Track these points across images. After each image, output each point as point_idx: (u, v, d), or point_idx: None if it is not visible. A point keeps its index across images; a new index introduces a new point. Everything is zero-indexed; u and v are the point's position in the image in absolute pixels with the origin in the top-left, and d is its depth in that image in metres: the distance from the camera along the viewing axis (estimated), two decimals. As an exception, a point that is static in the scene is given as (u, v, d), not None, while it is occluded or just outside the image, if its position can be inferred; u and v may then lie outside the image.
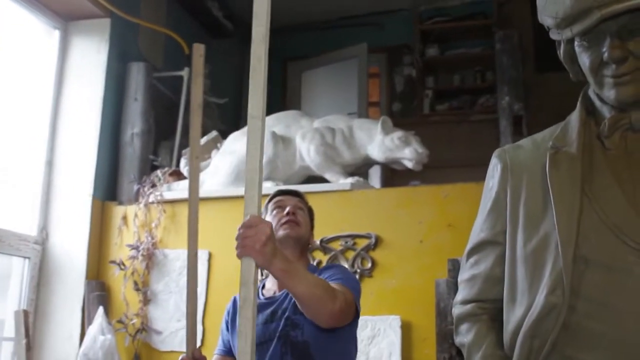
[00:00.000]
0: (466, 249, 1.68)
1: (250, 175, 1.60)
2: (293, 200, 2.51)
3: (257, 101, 1.64)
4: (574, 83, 1.64)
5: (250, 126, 1.62)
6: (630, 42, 1.40)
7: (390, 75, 6.85)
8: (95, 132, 4.42)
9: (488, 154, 5.32)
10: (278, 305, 2.31)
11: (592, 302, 1.37)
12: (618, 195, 1.41)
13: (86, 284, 4.14)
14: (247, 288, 1.62)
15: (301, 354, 2.22)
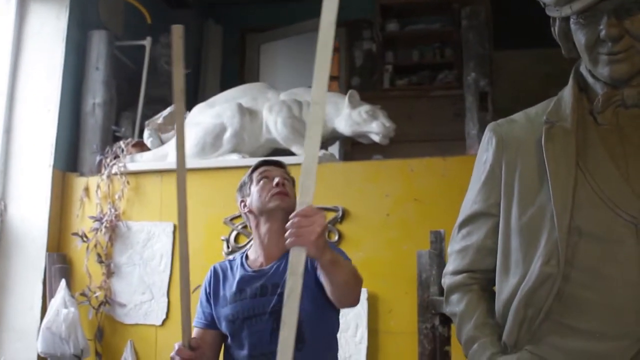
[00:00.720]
0: (458, 221, 1.72)
1: (308, 163, 1.56)
2: (279, 170, 2.48)
3: (320, 87, 1.63)
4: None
5: (313, 112, 1.60)
6: (626, 20, 1.45)
7: (350, 50, 6.84)
8: (55, 102, 4.33)
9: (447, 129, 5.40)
10: (268, 279, 2.30)
11: (586, 271, 1.43)
12: (611, 170, 1.46)
13: (47, 256, 4.08)
14: (295, 278, 1.59)
15: None
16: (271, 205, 2.37)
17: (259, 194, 2.40)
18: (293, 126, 3.94)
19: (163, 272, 3.98)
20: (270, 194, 2.38)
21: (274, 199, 2.38)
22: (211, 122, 4.06)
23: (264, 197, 2.38)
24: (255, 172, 2.48)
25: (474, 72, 3.88)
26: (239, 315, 2.28)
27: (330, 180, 3.82)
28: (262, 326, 2.25)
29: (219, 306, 2.35)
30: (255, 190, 2.41)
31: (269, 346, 2.20)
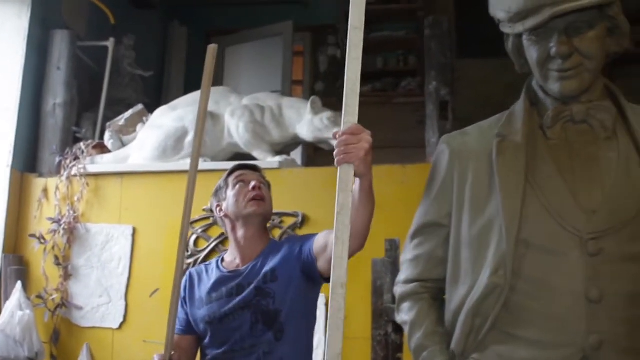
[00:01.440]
0: (410, 231, 1.75)
1: (350, 86, 1.65)
2: (255, 175, 2.49)
3: (359, 13, 1.68)
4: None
5: (352, 37, 1.68)
6: (576, 38, 1.49)
7: (314, 55, 6.88)
8: (14, 101, 4.26)
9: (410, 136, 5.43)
10: (244, 279, 2.33)
11: (532, 282, 1.47)
12: (559, 184, 1.50)
13: (3, 257, 4.02)
14: (345, 194, 1.61)
15: (272, 322, 2.27)
16: (248, 211, 2.39)
17: (235, 198, 2.41)
18: (255, 131, 3.95)
19: (121, 275, 3.96)
20: (247, 198, 2.40)
21: (250, 204, 2.40)
22: (173, 125, 4.05)
23: (241, 202, 2.40)
24: (231, 177, 2.48)
25: (435, 81, 3.92)
26: (215, 315, 2.31)
27: (291, 186, 3.83)
28: (241, 322, 2.27)
29: (194, 308, 2.36)
30: (232, 194, 2.42)
31: (249, 339, 2.26)
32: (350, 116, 1.67)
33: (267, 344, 2.25)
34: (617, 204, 1.46)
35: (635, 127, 1.53)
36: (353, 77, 1.65)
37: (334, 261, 1.58)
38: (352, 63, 1.66)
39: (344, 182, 1.64)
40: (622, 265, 1.43)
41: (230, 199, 2.42)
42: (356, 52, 1.67)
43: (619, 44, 1.57)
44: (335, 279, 1.55)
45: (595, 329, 1.40)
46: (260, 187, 2.45)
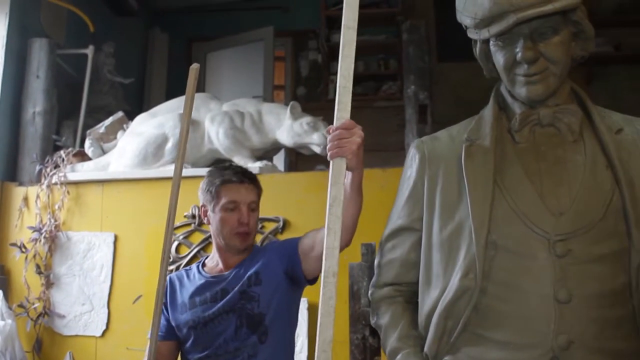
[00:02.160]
0: (383, 235, 1.77)
1: (343, 83, 1.69)
2: (249, 195, 2.44)
3: (352, 13, 1.73)
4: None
5: (345, 36, 1.71)
6: (541, 44, 1.52)
7: (295, 60, 6.90)
8: (-7, 110, 4.27)
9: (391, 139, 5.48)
10: (228, 284, 2.34)
11: (501, 284, 1.49)
12: (527, 186, 1.52)
13: (-16, 267, 4.02)
14: (337, 187, 1.66)
15: (256, 326, 2.29)
16: (232, 244, 2.40)
17: (222, 225, 2.39)
18: (235, 137, 3.96)
19: (103, 282, 3.95)
20: (233, 231, 2.38)
21: (235, 238, 2.39)
22: (153, 132, 4.05)
23: (226, 232, 2.38)
24: (225, 191, 2.41)
25: (414, 85, 3.96)
26: (200, 319, 2.32)
27: (272, 191, 3.81)
28: (225, 326, 2.29)
29: (177, 313, 2.37)
30: (218, 219, 2.40)
31: (233, 343, 2.28)
32: (343, 112, 1.71)
33: (251, 347, 2.27)
34: (584, 206, 1.49)
35: (602, 129, 1.56)
36: (346, 74, 1.70)
37: (326, 251, 1.62)
38: (344, 61, 1.71)
39: (336, 175, 1.68)
40: (590, 266, 1.45)
41: (216, 223, 2.40)
42: (349, 50, 1.71)
43: (584, 47, 1.60)
44: (326, 268, 1.60)
45: (563, 329, 1.42)
46: (248, 222, 2.40)
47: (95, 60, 4.99)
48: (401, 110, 5.27)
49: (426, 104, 3.84)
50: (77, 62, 4.91)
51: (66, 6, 5.01)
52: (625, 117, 1.63)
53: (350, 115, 1.71)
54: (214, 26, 6.92)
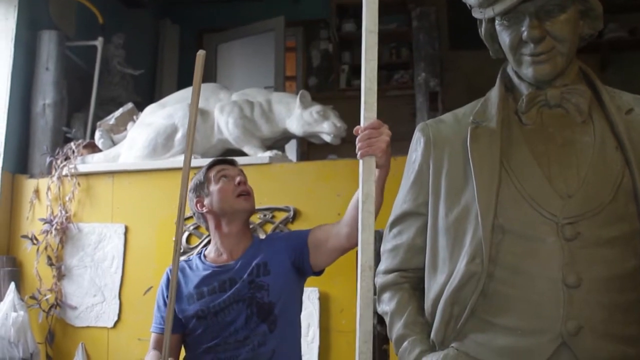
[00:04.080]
0: (389, 220, 1.74)
1: (368, 85, 1.74)
2: (236, 170, 2.48)
3: (372, 16, 1.75)
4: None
5: (368, 40, 1.75)
6: (547, 22, 1.48)
7: (306, 50, 6.86)
8: (4, 103, 4.26)
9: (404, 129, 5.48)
10: (235, 273, 2.33)
11: (508, 269, 1.45)
12: (534, 169, 1.48)
13: (-4, 259, 4.02)
14: (369, 184, 1.72)
15: (267, 315, 2.28)
16: (237, 207, 2.39)
17: (221, 194, 2.39)
18: (244, 126, 3.94)
19: (115, 273, 3.95)
20: (235, 194, 2.39)
21: (239, 200, 2.40)
22: (162, 122, 4.04)
23: (229, 197, 2.39)
24: (211, 171, 2.45)
25: (424, 72, 3.92)
26: (209, 309, 2.30)
27: (282, 181, 3.82)
28: (236, 315, 2.27)
29: (184, 304, 2.34)
30: (216, 189, 2.40)
31: (243, 332, 2.27)
32: (369, 112, 1.78)
33: (261, 336, 2.26)
34: (593, 188, 1.45)
35: (611, 109, 1.52)
36: (371, 76, 1.74)
37: (361, 246, 1.67)
38: (368, 64, 1.75)
39: (367, 173, 1.75)
40: (599, 250, 1.41)
41: (215, 195, 2.40)
42: (372, 54, 1.75)
43: (593, 26, 1.56)
44: (363, 262, 1.65)
45: (573, 314, 1.39)
46: (245, 182, 2.45)
47: (105, 52, 4.98)
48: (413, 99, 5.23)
49: (437, 91, 3.80)
50: (87, 54, 4.90)
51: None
52: (635, 97, 1.58)
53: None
54: (225, 17, 6.90)
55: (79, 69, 4.89)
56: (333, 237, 2.31)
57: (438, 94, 3.79)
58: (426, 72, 3.89)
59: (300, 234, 2.42)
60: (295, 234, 2.47)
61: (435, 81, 3.86)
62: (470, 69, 5.81)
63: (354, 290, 3.39)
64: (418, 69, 3.98)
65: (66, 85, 4.52)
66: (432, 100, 3.80)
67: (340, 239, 2.30)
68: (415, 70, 4.05)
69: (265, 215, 3.74)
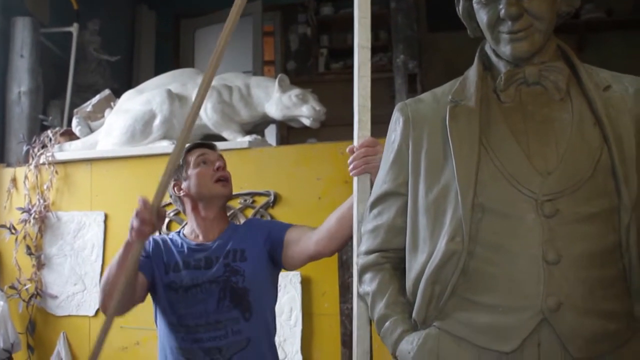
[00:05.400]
0: (369, 201, 1.73)
1: (362, 102, 1.79)
2: (215, 154, 2.45)
3: (365, 32, 1.80)
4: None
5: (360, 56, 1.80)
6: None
7: (284, 34, 6.84)
8: (-22, 91, 4.21)
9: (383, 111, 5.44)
10: (212, 252, 2.31)
11: (489, 247, 1.46)
12: (513, 146, 1.49)
13: (-26, 249, 3.99)
14: (363, 205, 1.75)
15: (240, 300, 2.25)
16: (216, 192, 2.37)
17: (199, 178, 2.37)
18: (223, 111, 3.91)
19: (95, 262, 3.93)
20: (213, 179, 2.37)
21: (217, 185, 2.38)
22: (140, 109, 4.00)
23: (207, 182, 2.37)
24: (191, 155, 2.42)
25: (402, 54, 3.91)
26: (181, 283, 2.27)
27: (262, 165, 3.81)
28: (206, 295, 2.24)
29: (160, 271, 2.30)
30: (195, 173, 2.38)
31: (214, 315, 2.23)
32: (363, 130, 1.84)
33: (233, 322, 2.23)
34: (571, 165, 1.45)
35: (589, 87, 1.52)
36: (364, 93, 1.79)
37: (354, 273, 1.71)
38: (361, 81, 1.80)
39: (362, 192, 1.80)
40: (579, 226, 1.42)
41: (193, 179, 2.38)
42: (365, 70, 1.81)
43: (570, 3, 1.56)
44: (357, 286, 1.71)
45: (553, 290, 1.39)
46: (224, 167, 2.43)
47: (81, 38, 4.93)
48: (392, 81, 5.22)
49: (415, 73, 3.80)
50: (63, 40, 4.85)
51: (50, -16, 4.94)
52: (613, 74, 1.59)
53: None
54: (202, 2, 6.83)
55: (55, 55, 4.83)
56: (304, 241, 2.29)
57: (417, 75, 3.79)
58: (405, 54, 3.89)
59: (281, 227, 2.40)
60: (276, 226, 2.44)
61: (413, 63, 3.86)
62: (449, 51, 5.81)
63: (335, 274, 3.41)
64: (397, 51, 3.98)
65: (42, 72, 4.46)
66: (410, 82, 3.80)
67: (309, 243, 2.27)
68: (394, 53, 4.04)
69: (246, 200, 3.72)
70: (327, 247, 2.23)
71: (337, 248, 2.22)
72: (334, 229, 2.20)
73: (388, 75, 5.83)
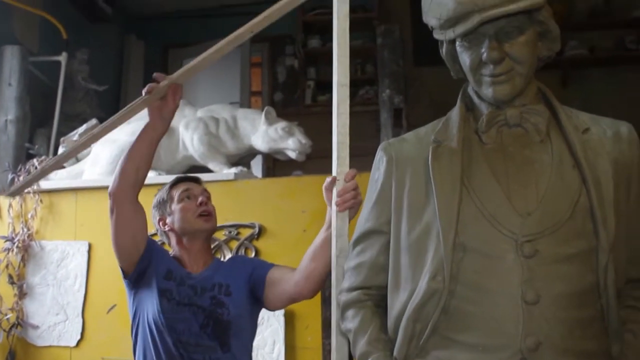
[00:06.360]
0: (352, 238, 1.76)
1: (340, 139, 1.84)
2: (199, 188, 2.48)
3: (344, 70, 1.85)
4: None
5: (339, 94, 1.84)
6: (506, 44, 1.52)
7: (272, 65, 6.88)
8: (-35, 118, 4.21)
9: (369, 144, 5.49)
10: (198, 282, 2.32)
11: (469, 286, 1.48)
12: (494, 187, 1.51)
13: (-45, 277, 3.95)
14: (343, 239, 1.82)
15: (222, 332, 2.26)
16: (197, 227, 2.39)
17: (182, 213, 2.40)
18: (210, 143, 3.93)
19: (78, 292, 3.90)
20: (195, 214, 2.39)
21: (199, 220, 2.40)
22: (127, 139, 4.00)
23: (189, 217, 2.39)
24: (175, 190, 2.46)
25: (388, 89, 3.96)
26: (174, 296, 2.27)
27: (247, 197, 3.82)
28: (192, 316, 2.25)
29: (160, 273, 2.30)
30: (178, 208, 2.41)
31: (194, 338, 2.24)
32: (342, 166, 1.89)
33: (212, 351, 2.24)
34: (551, 206, 1.48)
35: (568, 129, 1.55)
36: (342, 130, 1.82)
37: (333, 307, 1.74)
38: (340, 118, 1.82)
39: (341, 228, 1.86)
40: (558, 267, 1.44)
41: (176, 214, 2.41)
42: (343, 108, 1.83)
43: (550, 47, 1.60)
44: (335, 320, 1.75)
45: (532, 330, 1.41)
46: (207, 202, 2.45)
47: (69, 67, 4.95)
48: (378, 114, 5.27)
49: (401, 107, 3.84)
50: (51, 69, 4.86)
51: (39, 13, 4.97)
52: (592, 117, 1.63)
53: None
54: (191, 32, 6.89)
55: (43, 84, 4.85)
56: (285, 281, 2.31)
57: (402, 110, 3.83)
58: (390, 88, 3.94)
59: (264, 266, 2.42)
60: (259, 265, 2.46)
61: (399, 98, 3.90)
62: (434, 85, 5.87)
63: (319, 307, 3.40)
64: (382, 85, 4.03)
65: (29, 100, 4.48)
66: (396, 116, 3.84)
67: (289, 284, 2.29)
68: (379, 87, 4.09)
69: (231, 232, 3.73)
70: (305, 287, 2.26)
71: (315, 287, 2.25)
72: (309, 268, 2.23)
73: (374, 108, 5.88)
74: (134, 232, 2.28)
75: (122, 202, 2.24)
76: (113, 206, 2.25)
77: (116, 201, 2.24)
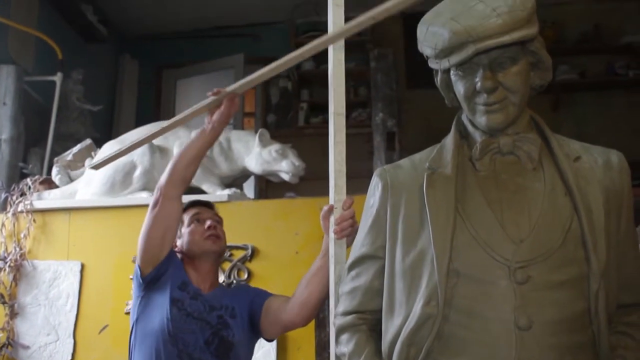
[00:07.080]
0: (347, 263, 1.78)
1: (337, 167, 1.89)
2: (209, 212, 2.54)
3: (340, 100, 1.90)
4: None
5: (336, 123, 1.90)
6: (500, 73, 1.55)
7: (266, 87, 6.91)
8: (-41, 137, 4.22)
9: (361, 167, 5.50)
10: (207, 301, 2.36)
11: (463, 312, 1.50)
12: (488, 214, 1.54)
13: (-53, 296, 3.94)
14: (340, 266, 1.84)
15: (224, 352, 2.29)
16: (205, 248, 2.44)
17: (191, 236, 2.45)
18: (203, 164, 3.94)
19: (69, 312, 3.89)
20: (203, 237, 2.44)
21: (207, 242, 2.45)
22: (121, 160, 4.02)
23: (197, 239, 2.44)
24: (186, 214, 2.51)
25: (382, 112, 4.00)
26: (185, 307, 2.31)
27: (240, 219, 3.83)
28: (200, 329, 2.28)
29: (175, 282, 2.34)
30: (187, 232, 2.46)
31: (197, 352, 2.26)
32: (339, 194, 1.93)
33: None
34: (543, 233, 1.51)
35: (560, 157, 1.59)
36: (339, 158, 1.87)
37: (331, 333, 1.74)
38: (337, 147, 1.88)
39: (339, 255, 1.89)
40: (550, 293, 1.47)
41: (185, 237, 2.47)
42: (340, 137, 1.88)
43: (543, 77, 1.64)
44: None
45: (524, 356, 1.43)
46: (215, 226, 2.50)
47: (64, 87, 4.97)
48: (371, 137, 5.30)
49: (394, 131, 3.87)
50: (45, 89, 4.88)
51: (34, 33, 4.99)
52: (583, 145, 1.66)
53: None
54: (185, 53, 6.94)
55: (37, 104, 4.87)
56: (280, 310, 2.36)
57: (395, 134, 3.86)
58: (384, 112, 3.97)
59: (262, 295, 2.47)
60: (259, 294, 2.50)
61: (392, 121, 3.94)
62: (427, 109, 5.90)
63: (311, 329, 3.41)
64: (376, 109, 4.06)
65: (24, 120, 4.49)
66: (389, 140, 3.88)
67: (283, 313, 2.33)
68: (373, 110, 4.12)
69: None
70: (298, 315, 2.30)
71: (309, 314, 2.29)
72: (304, 295, 2.27)
73: (366, 130, 5.92)
74: (167, 228, 2.34)
75: (169, 195, 2.31)
76: (158, 198, 2.31)
77: (163, 193, 2.31)
